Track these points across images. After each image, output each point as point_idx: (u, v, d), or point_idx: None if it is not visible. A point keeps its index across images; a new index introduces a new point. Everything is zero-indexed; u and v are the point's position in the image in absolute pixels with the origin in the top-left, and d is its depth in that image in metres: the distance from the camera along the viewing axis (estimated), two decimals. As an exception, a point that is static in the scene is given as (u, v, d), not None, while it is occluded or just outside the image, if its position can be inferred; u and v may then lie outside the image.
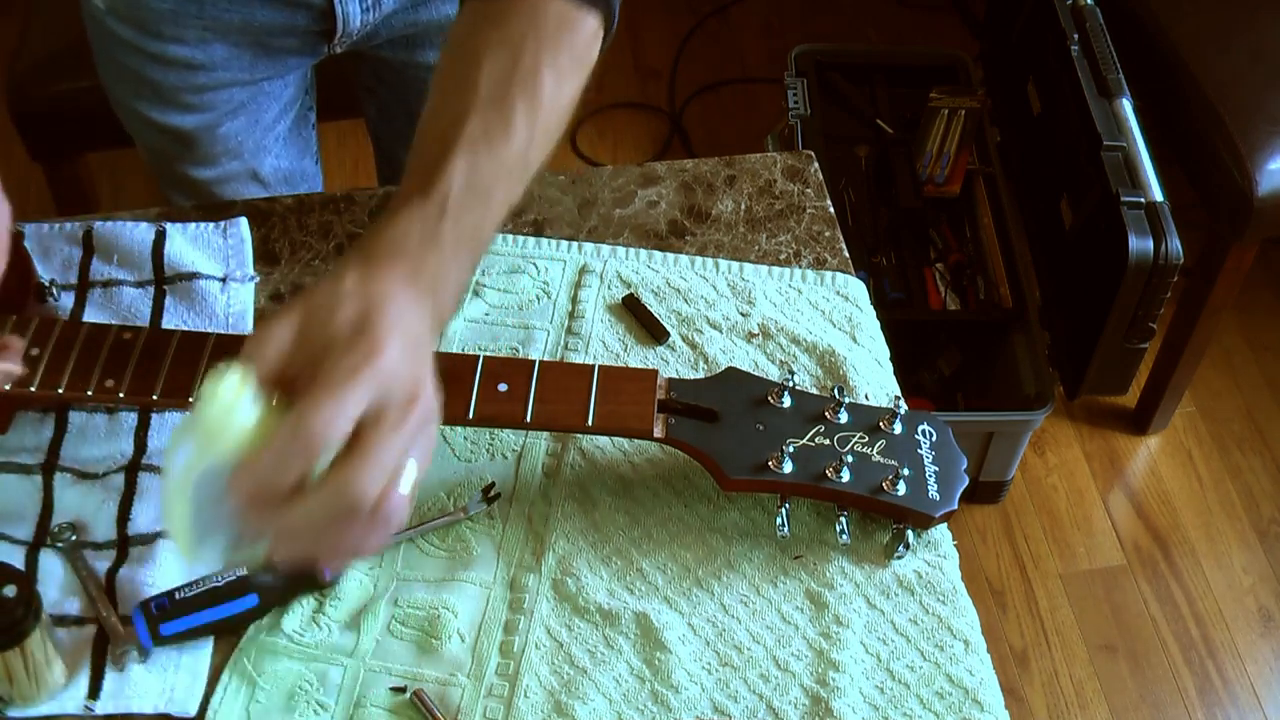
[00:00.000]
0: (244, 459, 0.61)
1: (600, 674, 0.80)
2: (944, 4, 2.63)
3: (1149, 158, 1.72)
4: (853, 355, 0.96)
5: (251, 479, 0.61)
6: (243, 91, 1.14)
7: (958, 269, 1.98)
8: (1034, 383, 1.84)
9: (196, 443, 0.62)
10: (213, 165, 1.18)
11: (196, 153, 1.17)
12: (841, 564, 0.85)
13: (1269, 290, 2.29)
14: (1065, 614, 1.90)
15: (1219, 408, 2.14)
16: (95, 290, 0.97)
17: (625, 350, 0.96)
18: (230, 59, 1.10)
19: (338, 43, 1.13)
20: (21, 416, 0.90)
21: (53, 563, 0.83)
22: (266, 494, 0.61)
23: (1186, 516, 2.01)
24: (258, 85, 1.15)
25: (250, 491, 0.61)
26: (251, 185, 1.21)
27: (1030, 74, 2.00)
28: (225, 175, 1.19)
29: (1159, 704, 1.81)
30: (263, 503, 0.61)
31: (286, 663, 0.80)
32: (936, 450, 0.86)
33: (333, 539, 0.63)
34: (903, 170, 2.01)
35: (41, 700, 0.77)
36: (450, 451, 0.90)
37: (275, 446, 0.61)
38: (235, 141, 1.17)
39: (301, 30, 1.10)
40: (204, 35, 1.07)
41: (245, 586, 0.80)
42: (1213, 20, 1.87)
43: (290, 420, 0.61)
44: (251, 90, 1.15)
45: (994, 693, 0.81)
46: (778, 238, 1.04)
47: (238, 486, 0.61)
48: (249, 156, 1.19)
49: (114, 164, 2.29)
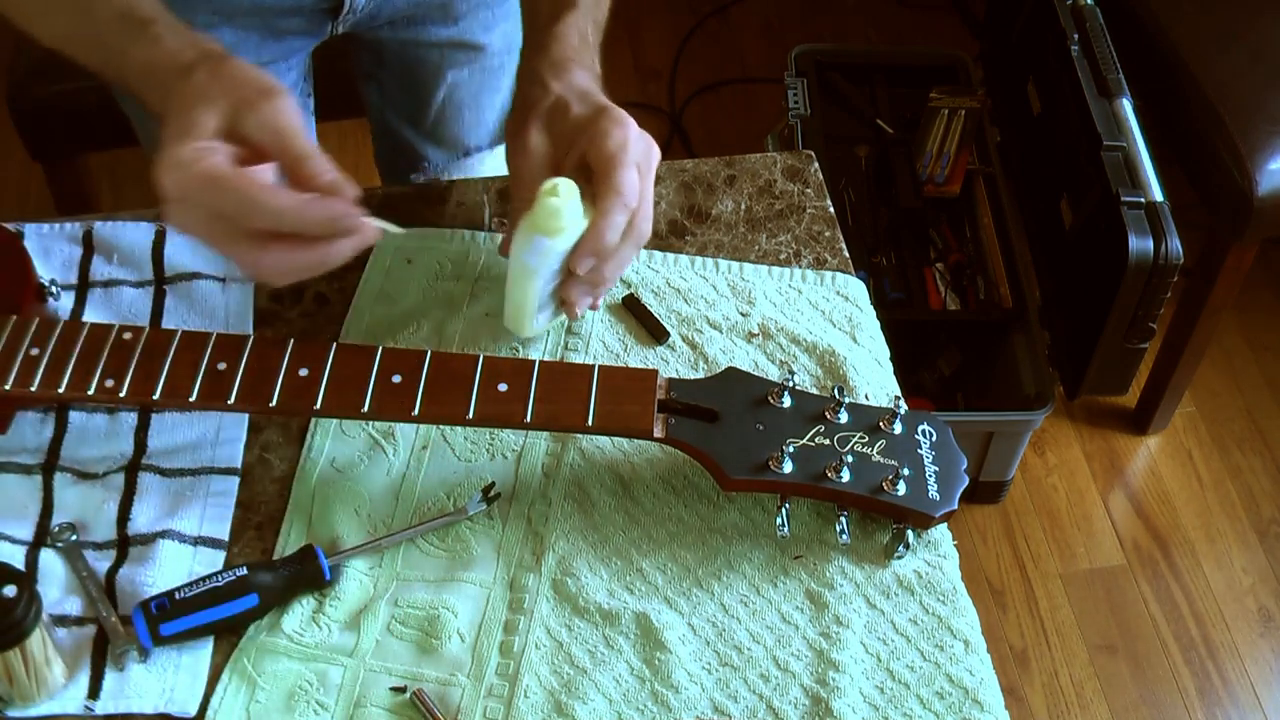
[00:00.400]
0: (585, 240, 0.84)
1: (600, 674, 0.80)
2: (944, 4, 2.63)
3: (1149, 158, 1.72)
4: (853, 355, 0.96)
5: (598, 244, 0.84)
6: None
7: (958, 269, 1.98)
8: (1034, 383, 1.84)
9: (546, 235, 0.84)
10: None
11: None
12: (841, 564, 0.85)
13: (1269, 290, 2.29)
14: (1065, 614, 1.90)
15: (1219, 408, 2.14)
16: (95, 290, 0.97)
17: (625, 350, 0.96)
18: (237, 43, 1.10)
19: (342, 20, 1.14)
20: (21, 416, 0.90)
21: (53, 563, 0.83)
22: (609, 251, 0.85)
23: (1186, 516, 2.01)
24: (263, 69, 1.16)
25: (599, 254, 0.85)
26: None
27: (1030, 74, 2.00)
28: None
29: (1159, 704, 1.81)
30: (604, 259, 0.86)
31: (286, 663, 0.80)
32: (936, 450, 0.86)
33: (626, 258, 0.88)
34: (903, 170, 2.01)
35: (41, 700, 0.77)
36: (450, 451, 0.90)
37: (610, 214, 0.84)
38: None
39: (309, 10, 1.11)
40: (212, 19, 1.07)
41: (245, 586, 0.80)
42: (1213, 20, 1.87)
43: (612, 193, 0.84)
44: None
45: (994, 693, 0.81)
46: (778, 238, 1.04)
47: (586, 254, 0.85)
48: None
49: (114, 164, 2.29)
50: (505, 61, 1.27)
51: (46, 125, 1.67)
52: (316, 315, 0.97)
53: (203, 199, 0.76)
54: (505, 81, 1.29)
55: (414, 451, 0.90)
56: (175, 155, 0.76)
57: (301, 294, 0.98)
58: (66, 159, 1.78)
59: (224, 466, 0.88)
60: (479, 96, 1.29)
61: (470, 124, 1.31)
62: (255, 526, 0.86)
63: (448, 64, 1.24)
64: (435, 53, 1.23)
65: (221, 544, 0.85)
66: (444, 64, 1.24)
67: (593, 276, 0.87)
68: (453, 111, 1.29)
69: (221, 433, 0.90)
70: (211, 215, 0.77)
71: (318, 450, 0.89)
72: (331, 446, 0.90)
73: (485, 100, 1.30)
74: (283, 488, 0.88)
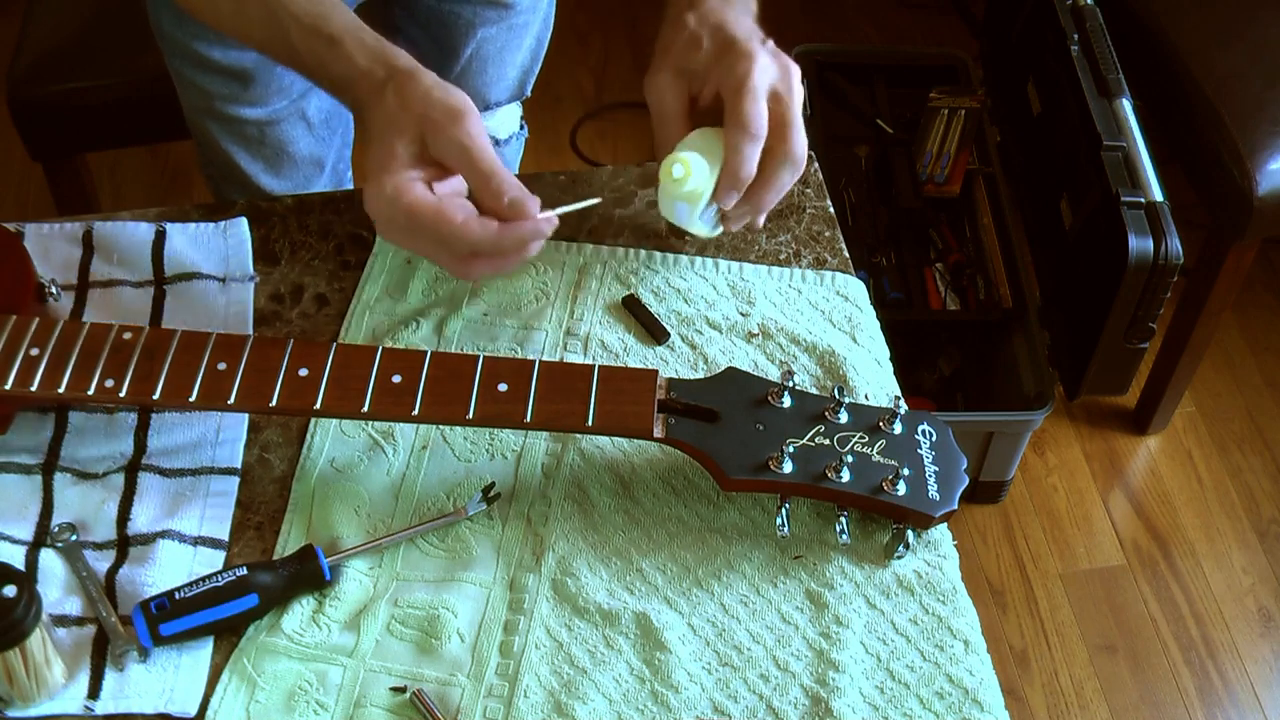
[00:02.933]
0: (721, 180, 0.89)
1: (600, 674, 0.80)
2: (944, 4, 2.63)
3: (1149, 158, 1.72)
4: (853, 355, 0.96)
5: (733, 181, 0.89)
6: None
7: (958, 269, 1.98)
8: (1034, 383, 1.84)
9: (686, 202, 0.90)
10: (264, 104, 1.20)
11: (252, 91, 1.19)
12: (841, 564, 0.85)
13: (1269, 290, 2.29)
14: (1065, 614, 1.90)
15: (1219, 408, 2.14)
16: (95, 290, 0.97)
17: (625, 350, 0.96)
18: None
19: None
20: (21, 416, 0.90)
21: (53, 563, 0.83)
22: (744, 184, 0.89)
23: (1186, 516, 2.01)
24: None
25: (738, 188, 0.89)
26: (299, 125, 1.23)
27: (1030, 74, 2.00)
28: (275, 115, 1.21)
29: (1159, 704, 1.81)
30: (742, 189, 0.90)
31: (286, 663, 0.80)
32: (936, 450, 0.86)
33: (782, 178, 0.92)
34: (903, 170, 2.01)
35: (41, 700, 0.77)
36: (450, 451, 0.90)
37: (738, 148, 0.88)
38: (287, 79, 1.19)
39: None
40: None
41: (245, 586, 0.80)
42: (1213, 20, 1.87)
43: (737, 128, 0.88)
44: None
45: (994, 693, 0.81)
46: (778, 238, 1.04)
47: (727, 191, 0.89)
48: (298, 96, 1.21)
49: (114, 164, 2.30)
50: (530, 20, 1.32)
51: (46, 125, 1.67)
52: (316, 315, 0.97)
53: (409, 227, 0.83)
54: (527, 39, 1.34)
55: (414, 451, 0.90)
56: (379, 188, 0.83)
57: (301, 294, 0.98)
58: (66, 159, 1.77)
59: (224, 466, 0.88)
60: (503, 53, 1.33)
61: (493, 79, 1.35)
62: (255, 526, 0.86)
63: (479, 21, 1.29)
64: (468, 10, 1.27)
65: (221, 544, 0.85)
66: (476, 21, 1.28)
67: (752, 203, 0.91)
68: (478, 66, 1.33)
69: (221, 433, 0.90)
70: (417, 239, 0.84)
71: (318, 450, 0.89)
72: (331, 446, 0.90)
73: (509, 57, 1.34)
74: (283, 488, 0.88)
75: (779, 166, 0.90)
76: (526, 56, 1.37)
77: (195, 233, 1.00)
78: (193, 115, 1.24)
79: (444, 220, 0.82)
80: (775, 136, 0.89)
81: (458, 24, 1.28)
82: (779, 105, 0.89)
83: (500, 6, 1.28)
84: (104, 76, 1.65)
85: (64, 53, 1.66)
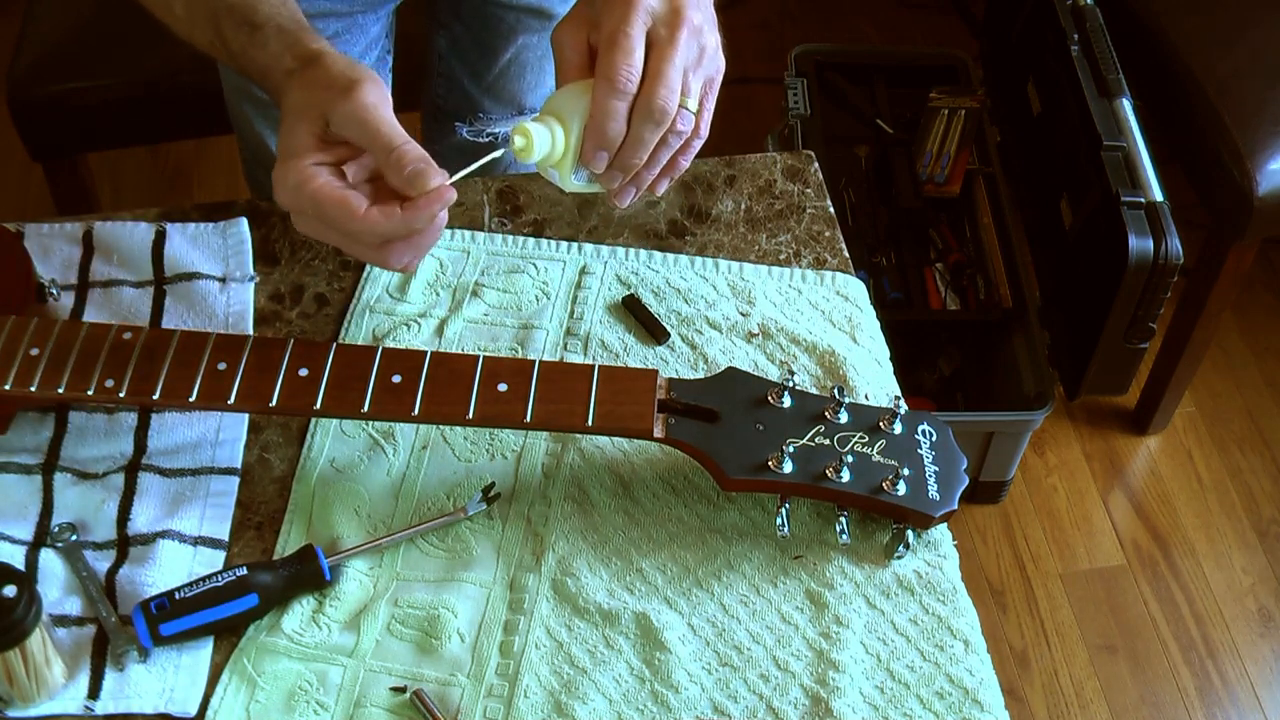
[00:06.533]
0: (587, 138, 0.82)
1: (600, 674, 0.80)
2: (944, 4, 2.63)
3: (1149, 158, 1.72)
4: (853, 355, 0.96)
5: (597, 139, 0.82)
6: (337, 22, 1.18)
7: (958, 269, 1.98)
8: (1034, 383, 1.84)
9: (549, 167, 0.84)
10: None
11: None
12: (841, 564, 0.85)
13: (1269, 290, 2.29)
14: (1065, 614, 1.90)
15: (1219, 408, 2.14)
16: (95, 290, 0.97)
17: (625, 350, 0.96)
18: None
19: None
20: (21, 416, 0.90)
21: (53, 563, 0.83)
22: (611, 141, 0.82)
23: (1186, 516, 2.01)
24: (352, 17, 1.19)
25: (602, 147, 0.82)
26: None
27: (1030, 74, 2.00)
28: None
29: (1159, 704, 1.81)
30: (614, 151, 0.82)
31: (286, 663, 0.80)
32: (936, 450, 0.86)
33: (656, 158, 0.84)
34: (903, 170, 2.01)
35: (41, 700, 0.77)
36: (450, 451, 0.90)
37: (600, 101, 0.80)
38: None
39: None
40: None
41: (245, 586, 0.80)
42: (1213, 20, 1.87)
43: (601, 79, 0.80)
44: (345, 21, 1.19)
45: (994, 693, 0.81)
46: (778, 238, 1.04)
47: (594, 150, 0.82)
48: None
49: (114, 164, 2.30)
50: None
51: (46, 125, 1.67)
52: (316, 315, 0.97)
53: (317, 218, 0.80)
54: None
55: (414, 451, 0.90)
56: (282, 175, 0.80)
57: (301, 294, 0.98)
58: (66, 159, 1.78)
59: (224, 466, 0.88)
60: (543, 60, 1.33)
61: (531, 85, 1.36)
62: (255, 526, 0.86)
63: (521, 28, 1.29)
64: (511, 15, 1.28)
65: (221, 544, 0.85)
66: (518, 27, 1.29)
67: (620, 166, 0.84)
68: (516, 70, 1.34)
69: (221, 433, 0.90)
70: (328, 231, 0.81)
71: (318, 450, 0.89)
72: (331, 446, 0.90)
73: (549, 65, 1.33)
74: (283, 488, 0.88)
75: (638, 121, 0.82)
76: None
77: (195, 233, 1.00)
78: (232, 97, 1.26)
79: (347, 212, 0.79)
80: (641, 86, 0.81)
81: (500, 27, 1.29)
82: (654, 52, 0.81)
83: (544, 16, 1.29)
84: (104, 76, 1.65)
85: (64, 53, 1.66)
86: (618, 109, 0.81)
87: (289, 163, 0.80)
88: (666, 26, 0.81)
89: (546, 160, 0.83)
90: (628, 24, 0.80)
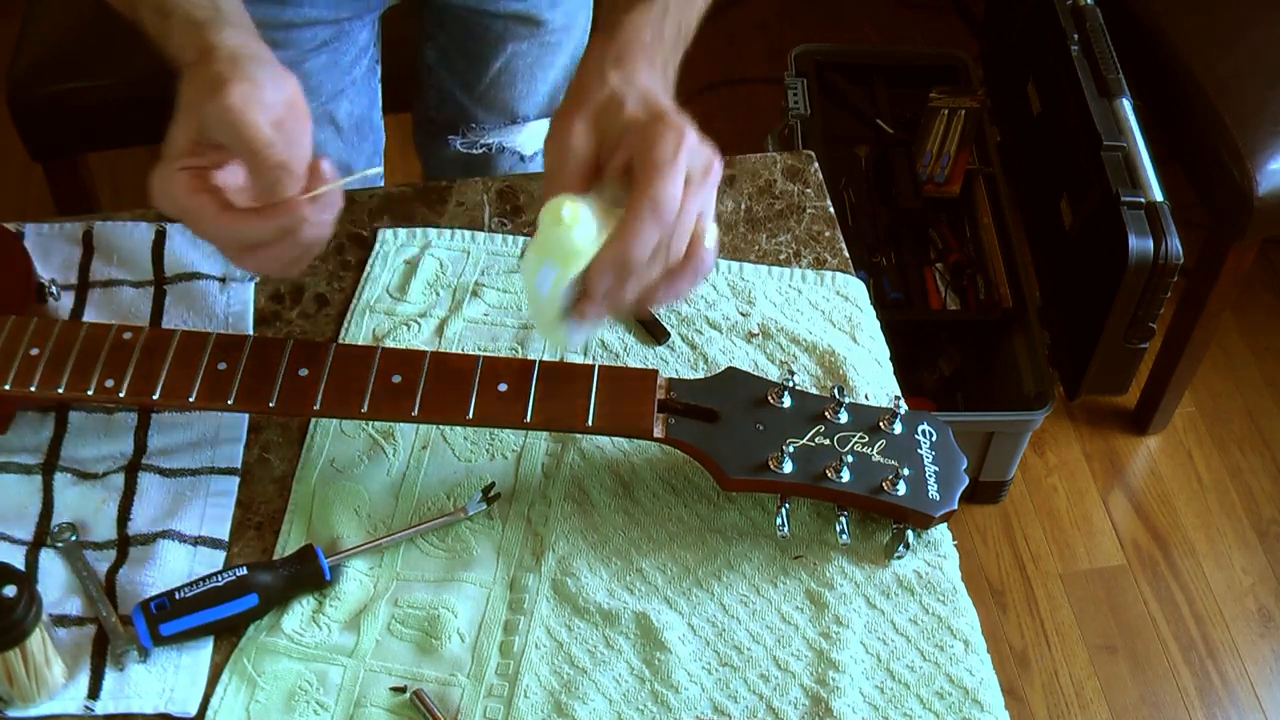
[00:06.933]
0: (606, 251, 0.74)
1: (600, 674, 0.80)
2: (944, 4, 2.63)
3: (1149, 158, 1.72)
4: (853, 355, 0.96)
5: (620, 260, 0.74)
6: (326, 30, 1.17)
7: (958, 269, 1.98)
8: (1034, 383, 1.84)
9: (557, 263, 0.74)
10: None
11: None
12: (841, 564, 0.85)
13: (1269, 290, 2.29)
14: (1065, 614, 1.90)
15: (1219, 408, 2.14)
16: (95, 290, 0.97)
17: (625, 350, 0.96)
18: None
19: None
20: (21, 416, 0.90)
21: (53, 563, 0.83)
22: (633, 269, 0.75)
23: (1186, 516, 2.01)
24: (339, 25, 1.17)
25: (619, 271, 0.75)
26: (327, 128, 1.23)
27: (1030, 74, 2.00)
28: None
29: (1159, 704, 1.81)
30: (626, 278, 0.76)
31: (286, 663, 0.80)
32: (936, 450, 0.86)
33: (665, 291, 0.78)
34: (903, 170, 2.01)
35: (41, 700, 0.77)
36: (450, 451, 0.90)
37: (639, 228, 0.74)
38: (315, 81, 1.19)
39: None
40: None
41: (245, 586, 0.80)
42: (1213, 20, 1.87)
43: (647, 203, 0.74)
44: (334, 29, 1.17)
45: (994, 693, 0.81)
46: (778, 238, 1.04)
47: (605, 268, 0.75)
48: (327, 99, 1.21)
49: (114, 164, 2.29)
50: (563, 38, 1.31)
51: (46, 125, 1.67)
52: (316, 315, 0.97)
53: (189, 221, 0.79)
54: (561, 57, 1.33)
55: (414, 451, 0.90)
56: (155, 177, 0.78)
57: (301, 294, 0.98)
58: (66, 159, 1.78)
59: (224, 466, 0.88)
60: (534, 68, 1.32)
61: (523, 93, 1.34)
62: (255, 526, 0.86)
63: (510, 36, 1.28)
64: (499, 23, 1.26)
65: (221, 544, 0.85)
66: (506, 35, 1.27)
67: (612, 296, 0.77)
68: (507, 79, 1.32)
69: (221, 433, 0.90)
70: (202, 234, 0.80)
71: (318, 450, 0.89)
72: (331, 446, 0.90)
73: (540, 73, 1.33)
74: (283, 488, 0.88)
75: (657, 261, 0.76)
76: (560, 74, 1.35)
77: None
78: None
79: (202, 213, 0.77)
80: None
81: (487, 36, 1.28)
82: (688, 197, 0.76)
83: (532, 23, 1.27)
84: (104, 76, 1.65)
85: (64, 52, 1.66)
86: (651, 236, 0.75)
87: (160, 166, 0.78)
88: (702, 172, 0.77)
89: (569, 253, 0.74)
90: (680, 154, 0.75)
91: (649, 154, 0.75)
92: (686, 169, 0.75)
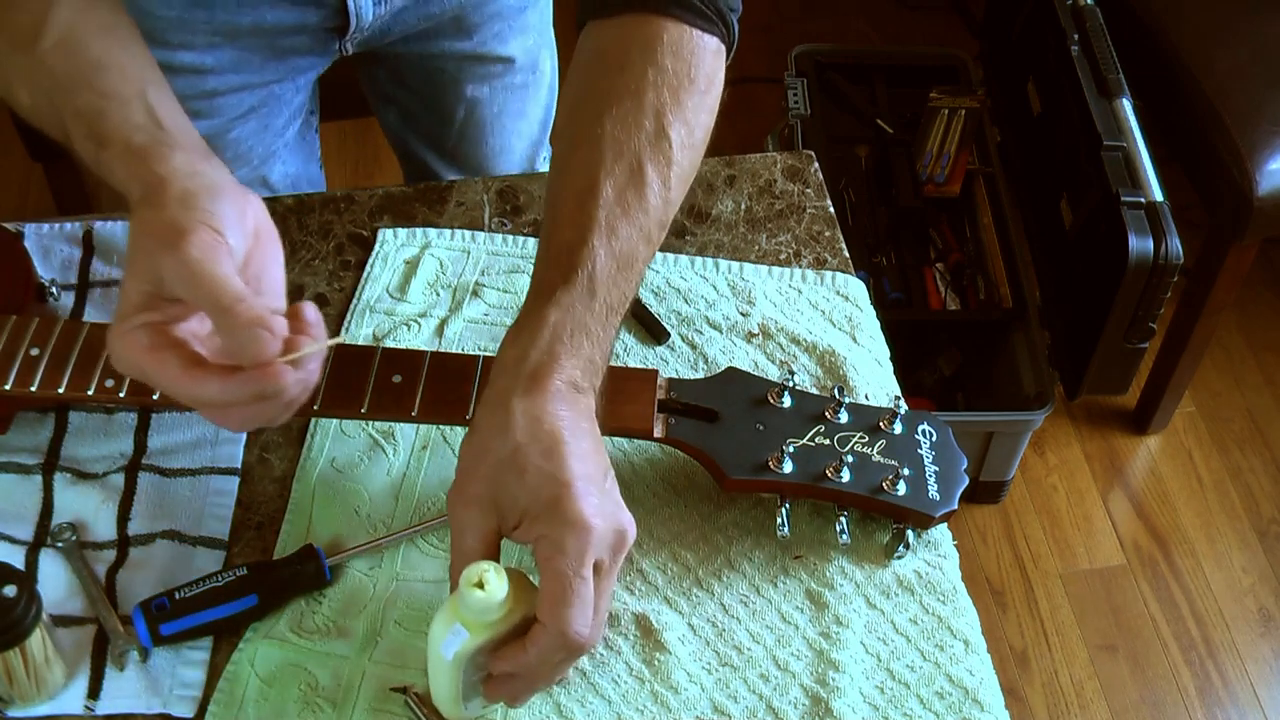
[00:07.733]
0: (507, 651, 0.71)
1: (600, 675, 0.80)
2: (944, 4, 2.63)
3: (1149, 158, 1.72)
4: (853, 355, 0.96)
5: (518, 666, 0.71)
6: (253, 95, 1.12)
7: (958, 269, 1.98)
8: (1034, 383, 1.84)
9: (466, 628, 0.71)
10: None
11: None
12: (841, 564, 0.85)
13: (1269, 290, 2.29)
14: (1065, 614, 1.90)
15: (1219, 408, 2.14)
16: (95, 290, 0.97)
17: (625, 350, 0.96)
18: (240, 62, 1.08)
19: (350, 39, 1.11)
20: (21, 416, 0.90)
21: (53, 563, 0.83)
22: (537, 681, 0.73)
23: (1186, 516, 2.01)
24: (268, 89, 1.13)
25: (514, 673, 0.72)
26: (262, 192, 1.19)
27: (1030, 74, 2.00)
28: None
29: (1159, 704, 1.81)
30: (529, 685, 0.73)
31: (286, 663, 0.80)
32: (936, 450, 0.86)
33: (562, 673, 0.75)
34: (903, 170, 2.01)
35: (41, 700, 0.77)
36: (450, 451, 0.90)
37: (543, 648, 0.69)
38: (245, 147, 1.15)
39: (313, 28, 1.08)
40: (213, 40, 1.05)
41: (245, 586, 0.80)
42: (1213, 20, 1.87)
43: (551, 635, 0.69)
44: (262, 94, 1.12)
45: (994, 693, 0.81)
46: (778, 238, 1.04)
47: (504, 668, 0.71)
48: (258, 163, 1.17)
49: (114, 164, 2.29)
50: (529, 80, 1.26)
51: (46, 125, 1.67)
52: (316, 315, 0.97)
53: (149, 382, 0.72)
54: (529, 105, 1.28)
55: (414, 451, 0.90)
56: (111, 338, 0.71)
57: (301, 294, 0.98)
58: (66, 159, 1.77)
59: (224, 466, 0.88)
60: (501, 118, 1.27)
61: (496, 149, 1.29)
62: (255, 526, 0.86)
63: (466, 78, 1.22)
64: (453, 65, 1.21)
65: (221, 544, 0.85)
66: (463, 78, 1.22)
67: (511, 686, 0.73)
68: (474, 133, 1.27)
69: (221, 433, 0.90)
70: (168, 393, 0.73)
71: (318, 450, 0.89)
72: (331, 446, 0.90)
73: (509, 124, 1.28)
74: (283, 488, 0.88)
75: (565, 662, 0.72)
76: (536, 129, 1.30)
77: (195, 233, 1.00)
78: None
79: (165, 374, 0.70)
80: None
81: (443, 79, 1.22)
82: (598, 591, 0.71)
83: (489, 61, 1.21)
84: (104, 76, 1.65)
85: (64, 53, 1.66)
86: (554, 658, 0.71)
87: (114, 325, 0.71)
88: (609, 555, 0.71)
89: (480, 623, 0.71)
90: (580, 564, 0.69)
91: (552, 564, 0.69)
92: (594, 560, 0.70)
